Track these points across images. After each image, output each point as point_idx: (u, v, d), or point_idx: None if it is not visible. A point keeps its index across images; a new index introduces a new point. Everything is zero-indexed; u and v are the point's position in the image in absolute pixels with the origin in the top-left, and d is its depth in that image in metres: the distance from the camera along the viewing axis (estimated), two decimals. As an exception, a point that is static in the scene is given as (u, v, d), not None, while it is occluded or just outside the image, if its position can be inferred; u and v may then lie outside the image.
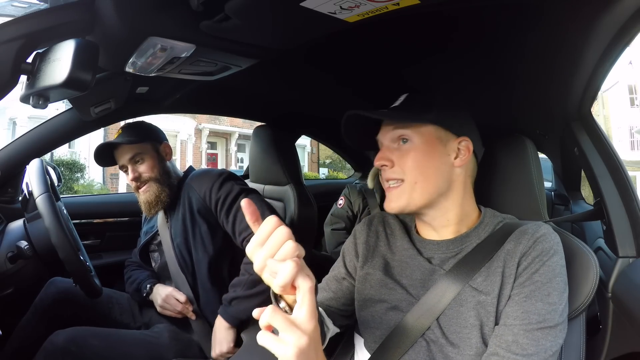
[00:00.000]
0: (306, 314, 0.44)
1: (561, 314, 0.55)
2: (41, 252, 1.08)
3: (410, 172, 0.63)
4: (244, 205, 0.47)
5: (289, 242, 0.45)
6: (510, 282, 0.57)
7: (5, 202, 1.24)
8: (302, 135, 2.07)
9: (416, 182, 0.63)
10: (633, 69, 13.51)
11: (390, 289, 0.65)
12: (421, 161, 0.63)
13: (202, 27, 0.62)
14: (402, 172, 0.64)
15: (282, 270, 0.43)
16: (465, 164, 0.65)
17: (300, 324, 0.44)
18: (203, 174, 1.18)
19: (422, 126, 0.64)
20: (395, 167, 0.65)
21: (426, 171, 0.63)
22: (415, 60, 0.88)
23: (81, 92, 0.58)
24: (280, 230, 0.45)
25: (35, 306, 1.11)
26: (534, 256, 0.56)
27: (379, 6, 0.53)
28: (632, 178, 0.88)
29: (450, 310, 0.58)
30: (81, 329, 1.01)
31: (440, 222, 0.66)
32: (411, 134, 0.64)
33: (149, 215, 1.18)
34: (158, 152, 1.19)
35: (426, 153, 0.63)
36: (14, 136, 1.79)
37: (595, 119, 0.95)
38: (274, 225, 0.46)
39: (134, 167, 1.14)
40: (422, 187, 0.63)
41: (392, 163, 0.65)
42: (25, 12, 0.60)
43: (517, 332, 0.53)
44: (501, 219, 0.66)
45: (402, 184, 0.64)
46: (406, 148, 0.64)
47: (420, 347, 0.59)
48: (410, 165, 0.63)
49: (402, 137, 0.65)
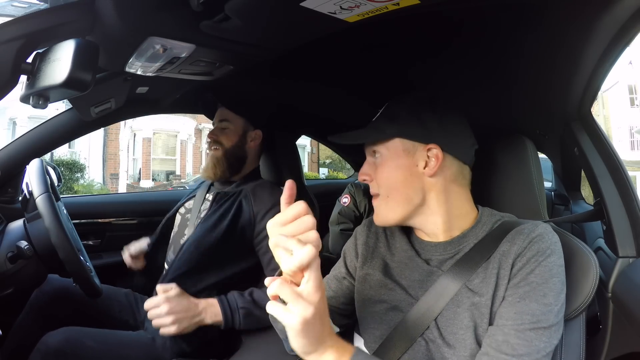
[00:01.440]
0: (312, 286, 0.46)
1: (557, 314, 0.54)
2: (41, 252, 1.07)
3: (382, 186, 0.65)
4: (287, 184, 0.49)
5: (313, 231, 0.46)
6: (504, 283, 0.56)
7: (5, 202, 1.23)
8: (302, 135, 2.07)
9: (388, 195, 0.65)
10: (633, 69, 13.50)
11: (389, 289, 0.65)
12: (389, 175, 0.65)
13: (202, 27, 0.63)
14: (377, 187, 0.66)
15: (302, 252, 0.44)
16: (440, 171, 0.64)
17: (306, 295, 0.46)
18: (268, 188, 1.14)
19: (388, 140, 0.65)
20: (373, 181, 0.67)
21: (394, 184, 0.64)
22: (414, 61, 0.88)
23: (81, 92, 0.58)
24: (308, 217, 0.47)
25: (31, 304, 1.10)
26: (529, 257, 0.56)
27: (379, 6, 0.53)
28: (632, 178, 0.88)
29: (447, 311, 0.59)
30: (75, 330, 0.99)
31: (431, 229, 0.66)
32: (380, 149, 0.66)
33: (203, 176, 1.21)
34: (245, 133, 1.20)
35: (393, 167, 0.64)
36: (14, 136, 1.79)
37: (595, 119, 0.95)
38: (303, 211, 0.47)
39: (217, 128, 1.20)
40: (394, 200, 0.64)
41: (371, 177, 0.67)
42: (25, 12, 0.60)
43: (507, 332, 0.53)
44: (499, 217, 0.65)
45: (378, 198, 0.66)
46: (378, 163, 0.67)
47: (420, 346, 0.59)
48: (380, 179, 0.66)
49: (375, 152, 0.67)
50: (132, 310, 1.22)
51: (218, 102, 1.21)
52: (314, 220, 0.47)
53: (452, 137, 0.65)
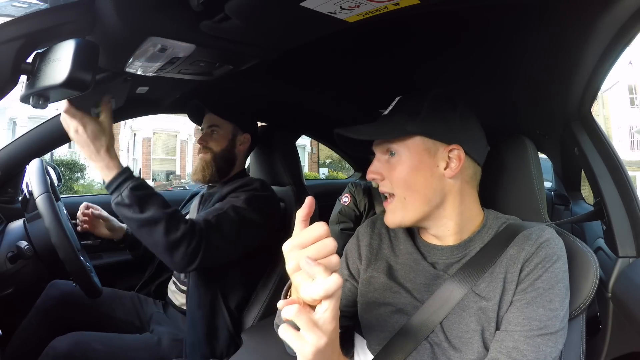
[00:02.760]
0: (330, 315, 0.44)
1: (562, 320, 0.55)
2: (41, 252, 1.07)
3: (398, 187, 0.62)
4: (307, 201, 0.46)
5: (335, 256, 0.44)
6: (512, 288, 0.56)
7: (5, 202, 1.24)
8: (302, 135, 2.07)
9: (405, 197, 0.62)
10: (633, 69, 13.50)
11: (394, 292, 0.64)
12: (408, 176, 0.61)
13: (202, 27, 0.62)
14: (391, 187, 0.63)
15: (328, 282, 0.42)
16: (459, 172, 0.62)
17: (322, 325, 0.44)
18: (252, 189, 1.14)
19: (409, 138, 0.62)
20: (385, 180, 0.64)
21: (414, 186, 0.61)
22: (415, 61, 0.88)
23: (81, 92, 0.58)
24: (330, 241, 0.44)
25: (37, 308, 1.11)
26: (537, 262, 0.56)
27: (379, 6, 0.53)
28: (632, 178, 0.88)
29: (453, 315, 0.58)
30: (83, 334, 1.00)
31: (442, 231, 0.64)
32: (397, 148, 0.62)
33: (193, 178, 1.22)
34: (234, 137, 1.21)
35: (413, 167, 0.61)
36: (14, 136, 1.78)
37: (595, 119, 0.95)
38: (324, 233, 0.44)
39: (207, 133, 1.20)
40: (412, 202, 0.62)
41: (382, 176, 0.64)
42: (25, 12, 0.60)
43: (517, 339, 0.53)
44: (504, 220, 0.65)
45: (393, 199, 0.63)
46: (394, 162, 0.63)
47: (425, 349, 0.59)
48: (397, 180, 0.62)
49: (390, 150, 0.63)
50: (136, 313, 1.22)
51: (205, 108, 1.21)
52: (335, 243, 0.44)
53: (472, 137, 0.64)
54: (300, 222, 0.46)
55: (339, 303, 0.46)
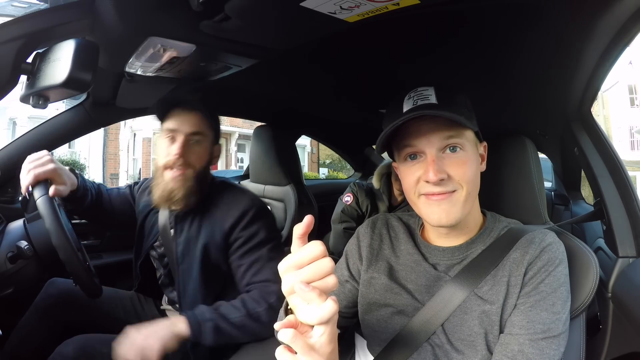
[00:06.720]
0: (325, 340, 0.43)
1: (564, 322, 0.55)
2: (41, 252, 1.07)
3: (467, 183, 0.58)
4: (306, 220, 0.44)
5: (332, 276, 0.43)
6: (516, 291, 0.56)
7: (5, 202, 1.24)
8: (302, 135, 2.07)
9: (469, 192, 0.59)
10: (633, 69, 13.50)
11: (395, 293, 0.64)
12: (473, 171, 0.59)
13: (202, 27, 0.63)
14: (457, 184, 0.58)
15: (323, 308, 0.41)
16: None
17: (319, 348, 0.43)
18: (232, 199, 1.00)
19: (466, 131, 0.59)
20: (451, 179, 0.58)
21: (475, 181, 0.60)
22: (415, 60, 0.88)
23: (81, 92, 0.58)
24: (326, 261, 0.42)
25: (36, 306, 1.10)
26: (540, 266, 0.56)
27: (379, 6, 0.53)
28: (632, 178, 0.88)
29: (455, 317, 0.58)
30: (90, 337, 0.99)
31: (459, 230, 0.63)
32: (463, 143, 0.59)
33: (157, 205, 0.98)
34: (212, 149, 1.02)
35: (474, 161, 0.60)
36: (14, 136, 1.78)
37: (595, 119, 0.95)
38: (320, 253, 0.42)
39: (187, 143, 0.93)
40: (471, 198, 0.60)
41: (448, 175, 0.58)
42: (25, 12, 0.60)
43: (522, 342, 0.53)
44: (506, 224, 0.65)
45: (452, 195, 0.58)
46: (460, 157, 0.59)
47: (426, 351, 0.59)
48: (465, 176, 0.58)
49: (449, 146, 0.58)
50: (136, 313, 1.22)
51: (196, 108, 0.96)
52: (332, 263, 0.42)
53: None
54: (297, 238, 0.45)
55: (336, 327, 0.45)
